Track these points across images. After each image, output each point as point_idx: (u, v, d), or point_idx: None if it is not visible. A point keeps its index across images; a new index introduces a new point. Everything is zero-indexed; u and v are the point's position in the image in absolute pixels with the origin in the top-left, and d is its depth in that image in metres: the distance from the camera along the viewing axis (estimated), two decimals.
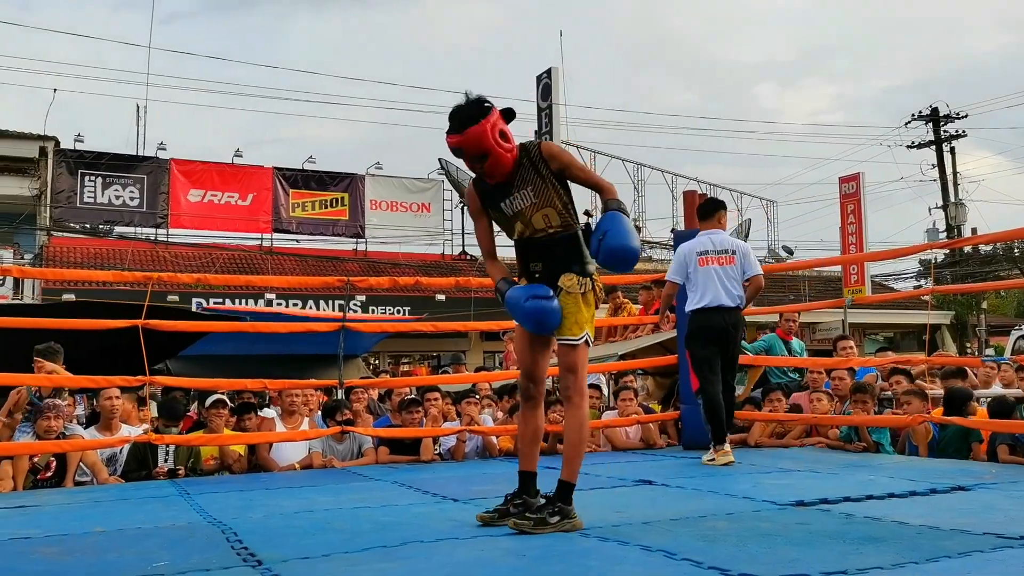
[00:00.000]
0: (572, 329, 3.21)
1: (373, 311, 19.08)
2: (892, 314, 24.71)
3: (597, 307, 3.32)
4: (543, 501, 3.24)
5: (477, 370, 11.38)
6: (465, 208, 23.69)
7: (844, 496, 3.65)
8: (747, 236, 26.83)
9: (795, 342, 7.92)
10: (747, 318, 8.58)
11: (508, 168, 3.22)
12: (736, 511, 3.43)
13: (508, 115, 3.25)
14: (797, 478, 4.52)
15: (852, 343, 7.58)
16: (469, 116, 3.12)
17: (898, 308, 24.31)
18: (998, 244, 24.93)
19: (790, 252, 27.03)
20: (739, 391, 7.26)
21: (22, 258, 18.38)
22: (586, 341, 3.24)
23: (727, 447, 5.15)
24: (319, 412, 6.26)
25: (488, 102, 3.18)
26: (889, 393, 6.59)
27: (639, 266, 23.59)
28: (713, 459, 5.09)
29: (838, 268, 25.05)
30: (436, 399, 6.25)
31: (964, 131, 28.70)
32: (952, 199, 28.18)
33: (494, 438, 6.14)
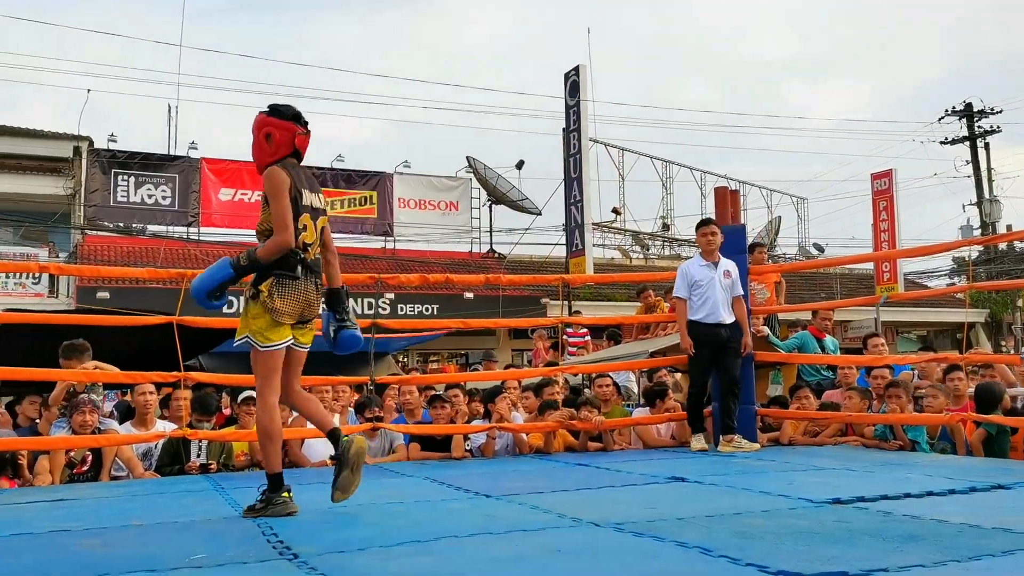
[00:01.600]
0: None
1: (401, 309, 19.15)
2: (925, 312, 24.34)
3: (275, 319, 3.51)
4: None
5: (506, 368, 11.39)
6: (493, 206, 23.80)
7: (881, 494, 3.60)
8: (777, 233, 26.66)
9: (828, 340, 7.83)
10: (780, 316, 8.58)
11: (257, 165, 3.71)
12: (772, 508, 3.40)
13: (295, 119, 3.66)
14: (832, 476, 4.47)
15: (883, 340, 7.50)
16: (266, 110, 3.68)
17: (931, 306, 23.96)
18: None
19: (820, 250, 26.79)
20: (777, 391, 7.22)
21: (57, 256, 18.68)
22: (247, 343, 3.56)
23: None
24: (352, 409, 6.30)
25: (286, 111, 3.66)
26: (923, 391, 6.50)
27: (667, 263, 23.48)
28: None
29: (870, 265, 24.75)
30: (457, 396, 6.29)
31: (999, 127, 28.27)
32: (986, 195, 27.75)
33: (524, 435, 6.13)
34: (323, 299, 3.75)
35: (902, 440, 5.70)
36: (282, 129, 3.62)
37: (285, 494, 3.54)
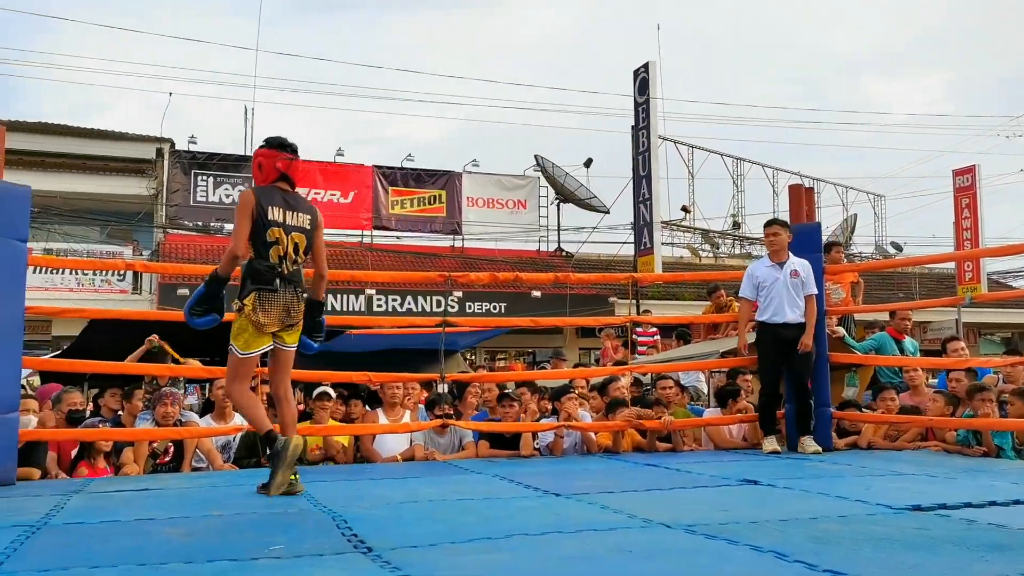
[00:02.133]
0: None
1: (469, 307, 19.29)
2: (1010, 313, 23.45)
3: (258, 329, 4.00)
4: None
5: (574, 367, 11.37)
6: (560, 204, 23.78)
7: (965, 502, 3.49)
8: (853, 231, 25.98)
9: (908, 341, 7.60)
10: (856, 316, 8.36)
11: None
12: (849, 514, 3.32)
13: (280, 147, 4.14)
14: (912, 482, 4.35)
15: (963, 344, 7.24)
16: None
17: (1016, 307, 23.07)
18: None
19: (899, 248, 26.04)
20: (851, 393, 7.05)
21: (140, 254, 19.36)
22: (237, 351, 4.02)
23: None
24: (423, 406, 6.38)
25: (272, 141, 4.15)
26: (1007, 396, 6.26)
27: (738, 262, 23.16)
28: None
29: (950, 265, 23.98)
30: (524, 394, 6.32)
31: None
32: None
33: (592, 434, 6.12)
34: (304, 305, 4.18)
35: (988, 446, 5.50)
36: (268, 157, 4.13)
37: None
